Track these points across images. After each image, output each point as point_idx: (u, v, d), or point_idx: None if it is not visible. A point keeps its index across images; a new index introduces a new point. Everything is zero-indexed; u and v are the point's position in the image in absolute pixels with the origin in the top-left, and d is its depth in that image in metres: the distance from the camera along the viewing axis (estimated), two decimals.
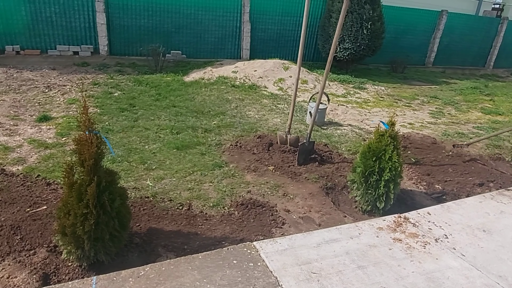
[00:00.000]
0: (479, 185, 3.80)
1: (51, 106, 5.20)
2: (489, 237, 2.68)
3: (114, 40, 8.34)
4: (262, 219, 2.94)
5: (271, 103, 6.31)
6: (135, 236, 2.61)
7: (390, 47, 11.16)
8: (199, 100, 6.09)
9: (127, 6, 8.20)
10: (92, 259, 2.25)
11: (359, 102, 7.09)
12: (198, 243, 2.59)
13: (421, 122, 6.00)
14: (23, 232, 2.52)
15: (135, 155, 3.85)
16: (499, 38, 13.36)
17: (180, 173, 3.56)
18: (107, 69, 7.59)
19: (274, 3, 9.52)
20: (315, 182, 3.57)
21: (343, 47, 9.07)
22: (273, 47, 9.99)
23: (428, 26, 11.93)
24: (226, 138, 4.50)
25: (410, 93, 8.47)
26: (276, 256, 2.25)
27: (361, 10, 8.79)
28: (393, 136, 3.03)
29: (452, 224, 2.80)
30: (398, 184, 3.11)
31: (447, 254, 2.42)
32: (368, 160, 3.06)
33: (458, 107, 7.46)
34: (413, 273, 2.21)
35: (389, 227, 2.67)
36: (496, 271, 2.30)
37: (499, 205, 3.18)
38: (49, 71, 7.02)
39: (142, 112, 5.19)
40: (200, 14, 8.89)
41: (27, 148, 3.84)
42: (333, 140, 4.73)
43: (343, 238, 2.50)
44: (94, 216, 2.12)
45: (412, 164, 4.16)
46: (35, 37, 7.70)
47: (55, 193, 3.05)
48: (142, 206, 2.97)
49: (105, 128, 4.44)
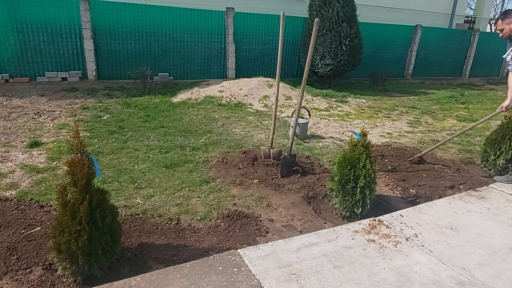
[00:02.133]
0: (450, 188, 4.05)
1: (41, 131, 5.36)
2: (455, 234, 2.90)
3: (102, 65, 8.59)
4: (247, 229, 3.12)
5: (256, 119, 6.56)
6: (127, 251, 2.76)
7: (370, 61, 11.67)
8: (187, 119, 6.30)
9: (114, 31, 8.49)
10: (86, 274, 2.40)
11: (341, 115, 7.39)
12: (187, 254, 2.75)
13: (399, 132, 6.31)
14: (19, 253, 2.66)
15: (125, 175, 4.01)
16: (472, 49, 14.03)
17: (169, 190, 3.74)
18: (95, 93, 7.79)
19: (257, 24, 9.94)
20: (297, 193, 3.78)
21: (324, 63, 9.47)
22: (258, 65, 10.36)
23: (405, 40, 12.52)
24: (213, 155, 4.70)
25: (390, 104, 8.84)
26: (259, 261, 2.43)
27: (339, 28, 9.24)
28: (365, 145, 3.27)
29: (422, 224, 3.02)
30: (373, 190, 3.33)
31: (416, 251, 2.63)
32: (344, 169, 3.29)
33: (434, 116, 7.82)
34: (385, 269, 2.40)
35: (364, 230, 2.88)
36: (460, 264, 2.52)
37: (466, 205, 3.42)
38: (38, 97, 7.19)
39: (131, 133, 5.38)
40: (186, 36, 9.23)
41: (19, 173, 3.98)
42: (315, 152, 4.97)
43: (322, 242, 2.69)
44: (87, 232, 2.28)
45: (389, 171, 4.41)
46: (24, 65, 7.90)
47: (48, 214, 3.19)
48: (133, 223, 3.12)
49: (95, 150, 4.61)
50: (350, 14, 9.40)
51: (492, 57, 14.78)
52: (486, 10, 16.92)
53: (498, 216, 3.24)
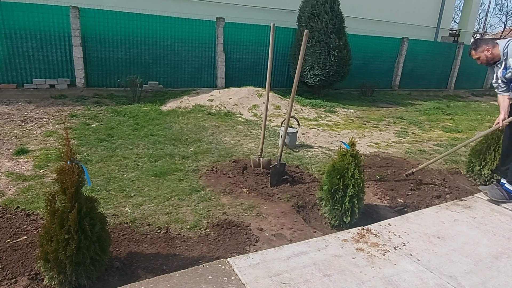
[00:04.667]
0: (437, 197, 4.13)
1: (28, 139, 5.28)
2: (443, 242, 2.96)
3: (91, 72, 8.54)
4: (237, 238, 3.12)
5: (246, 129, 6.59)
6: (115, 260, 2.72)
7: (360, 72, 11.88)
8: (177, 128, 6.29)
9: (105, 39, 8.47)
10: (73, 284, 2.35)
11: (330, 125, 7.48)
12: (176, 263, 2.73)
13: (387, 142, 6.41)
14: (4, 262, 2.60)
15: (114, 183, 3.98)
16: (457, 61, 14.42)
17: (159, 198, 3.71)
18: (84, 100, 7.72)
19: (247, 34, 10.04)
20: (287, 202, 3.79)
21: (313, 73, 9.60)
22: (248, 75, 10.44)
23: (393, 52, 12.80)
24: (203, 164, 4.70)
25: (378, 114, 8.99)
26: (249, 270, 2.43)
27: (328, 40, 9.41)
28: (354, 155, 3.32)
29: (410, 233, 3.06)
30: (362, 199, 3.37)
31: (404, 259, 2.66)
32: (333, 178, 3.32)
33: (421, 127, 7.98)
34: (374, 277, 2.43)
35: (353, 239, 2.91)
36: (448, 272, 2.56)
37: (453, 214, 3.49)
38: (25, 104, 7.09)
39: (121, 141, 5.34)
40: (177, 45, 9.26)
41: (5, 181, 3.90)
42: (304, 161, 5.01)
43: (311, 251, 2.71)
44: (76, 241, 2.25)
45: (377, 181, 4.47)
46: (12, 72, 7.80)
47: (35, 223, 3.13)
48: (122, 232, 3.09)
49: (83, 158, 4.56)
50: (339, 26, 9.59)
51: (476, 70, 15.19)
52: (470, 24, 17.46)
53: (484, 225, 3.31)
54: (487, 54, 3.72)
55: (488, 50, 3.70)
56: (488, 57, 3.73)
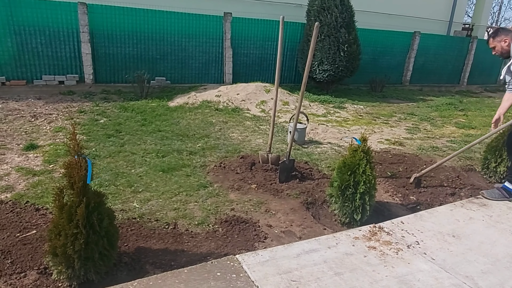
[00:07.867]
0: (451, 195, 4.03)
1: (38, 134, 5.30)
2: (458, 241, 2.87)
3: (99, 68, 8.55)
4: (245, 235, 3.07)
5: (253, 124, 6.53)
6: (124, 255, 2.70)
7: (369, 67, 11.70)
8: (184, 124, 6.26)
9: (112, 35, 8.46)
10: (82, 278, 2.33)
11: (339, 121, 7.38)
12: (184, 259, 2.70)
13: (398, 138, 6.29)
14: (13, 256, 2.59)
15: (122, 179, 3.96)
16: (470, 56, 14.12)
17: (166, 194, 3.68)
18: (93, 96, 7.74)
19: (255, 29, 9.95)
20: (296, 198, 3.73)
21: (322, 69, 9.48)
22: (256, 71, 10.35)
23: (404, 47, 12.57)
24: (211, 160, 4.66)
25: (388, 110, 8.85)
26: (258, 267, 2.38)
27: (337, 34, 9.27)
28: (365, 151, 3.24)
29: (424, 231, 2.98)
30: (373, 196, 3.29)
31: (418, 258, 2.59)
32: (344, 175, 3.25)
33: (433, 123, 7.83)
34: (387, 277, 2.36)
35: (364, 237, 2.84)
36: (464, 272, 2.48)
37: (468, 212, 3.39)
38: (34, 100, 7.13)
39: (129, 137, 5.33)
40: (184, 41, 9.22)
41: (15, 176, 3.91)
42: (314, 157, 4.93)
43: (322, 248, 2.65)
44: (84, 235, 2.22)
45: (389, 178, 4.38)
46: (21, 68, 7.84)
47: (44, 218, 3.13)
48: (130, 227, 3.06)
49: (92, 154, 4.55)
50: (349, 20, 9.44)
51: (490, 65, 14.87)
52: (484, 18, 17.06)
53: (501, 224, 3.21)
54: (503, 45, 3.58)
55: (506, 42, 3.56)
56: (504, 48, 3.59)
